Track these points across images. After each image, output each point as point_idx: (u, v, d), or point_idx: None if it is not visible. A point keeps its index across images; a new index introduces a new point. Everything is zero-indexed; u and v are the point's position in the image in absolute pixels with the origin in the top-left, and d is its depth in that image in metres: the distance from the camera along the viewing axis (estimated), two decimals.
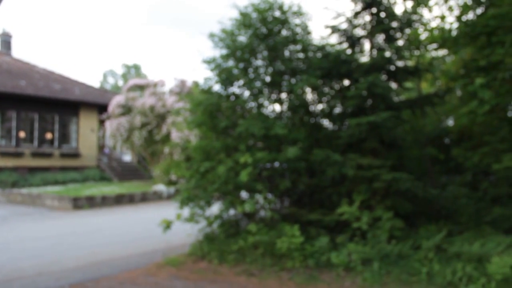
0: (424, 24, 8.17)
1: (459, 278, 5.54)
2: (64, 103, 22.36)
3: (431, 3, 8.64)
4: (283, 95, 8.05)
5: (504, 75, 6.53)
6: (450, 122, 10.69)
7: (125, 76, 55.90)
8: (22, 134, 21.15)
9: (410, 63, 8.23)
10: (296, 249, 6.52)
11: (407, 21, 7.47)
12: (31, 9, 74.30)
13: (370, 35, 7.57)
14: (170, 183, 17.90)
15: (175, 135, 18.35)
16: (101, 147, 25.00)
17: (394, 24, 7.48)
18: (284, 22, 7.69)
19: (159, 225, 7.47)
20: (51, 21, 76.64)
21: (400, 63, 7.71)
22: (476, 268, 5.57)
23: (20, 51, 77.09)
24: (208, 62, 7.82)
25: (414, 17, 7.53)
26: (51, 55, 73.29)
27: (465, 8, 7.89)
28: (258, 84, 7.83)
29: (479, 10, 7.72)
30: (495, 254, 5.55)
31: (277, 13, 7.65)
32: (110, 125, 20.30)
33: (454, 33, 8.02)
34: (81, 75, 79.93)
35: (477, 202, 7.69)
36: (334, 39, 7.91)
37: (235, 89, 7.98)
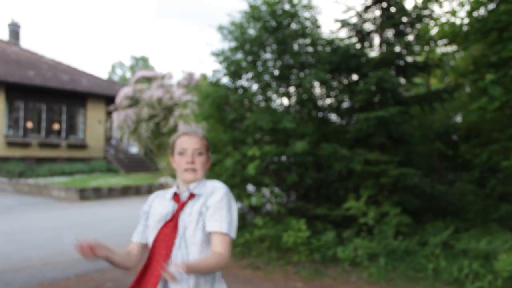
0: (435, 19, 8.10)
1: (465, 275, 5.52)
2: (71, 94, 22.39)
3: None
4: (292, 89, 8.03)
5: None
6: (459, 119, 10.63)
7: (133, 68, 55.93)
8: (29, 125, 21.22)
9: (420, 58, 8.18)
10: (302, 243, 6.52)
11: (417, 16, 7.41)
12: None
13: (380, 30, 7.52)
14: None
15: (183, 128, 18.34)
16: (108, 139, 25.05)
17: (404, 19, 7.42)
18: (293, 15, 7.65)
19: None
20: (59, 11, 76.80)
21: (409, 59, 7.65)
22: (482, 265, 5.55)
23: (29, 42, 77.27)
24: (216, 54, 7.80)
25: (425, 12, 7.46)
26: (59, 45, 73.50)
27: (476, 4, 7.82)
28: (266, 77, 7.80)
29: (491, 6, 7.64)
30: (502, 251, 5.52)
31: (287, 6, 7.61)
32: (117, 117, 20.31)
33: (465, 28, 7.95)
34: (89, 66, 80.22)
35: (485, 199, 7.65)
36: (343, 33, 7.87)
37: (243, 82, 7.96)
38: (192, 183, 2.17)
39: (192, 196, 2.14)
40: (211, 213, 2.05)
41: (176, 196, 2.18)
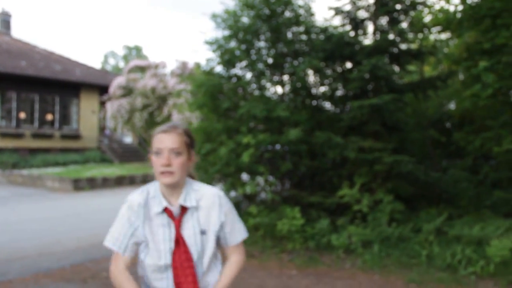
0: (429, 7, 8.09)
1: (458, 261, 5.57)
2: (64, 84, 22.25)
3: None
4: (285, 77, 8.01)
5: (508, 58, 6.47)
6: (452, 106, 10.66)
7: (126, 58, 55.64)
8: (22, 115, 21.11)
9: (414, 46, 8.17)
10: (296, 231, 6.54)
11: (411, 3, 7.39)
12: None
13: (374, 17, 7.50)
14: None
15: (176, 117, 18.30)
16: (102, 129, 24.97)
17: (398, 6, 7.40)
18: (287, 3, 7.61)
19: None
20: (52, 1, 76.08)
21: (403, 46, 7.65)
22: (475, 251, 5.60)
23: (20, 31, 76.62)
24: (210, 43, 7.76)
25: None
26: (51, 35, 72.95)
27: None
28: (260, 65, 7.78)
29: None
30: (494, 237, 5.57)
31: None
32: (111, 107, 20.23)
33: (458, 15, 7.93)
34: (82, 56, 79.63)
35: (478, 186, 7.70)
36: (337, 21, 7.88)
37: (237, 70, 7.94)
38: (173, 188, 2.00)
39: (184, 209, 2.01)
40: (231, 229, 2.08)
41: (167, 211, 2.01)
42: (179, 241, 1.96)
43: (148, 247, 1.99)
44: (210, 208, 2.02)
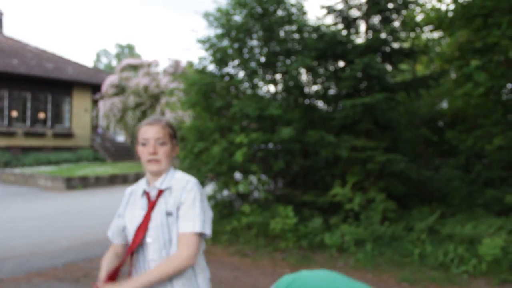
0: (420, 6, 8.11)
1: (450, 259, 5.59)
2: (57, 83, 22.13)
3: None
4: (278, 76, 8.01)
5: (500, 57, 6.50)
6: (444, 105, 10.69)
7: (118, 56, 55.45)
8: (14, 114, 20.98)
9: (406, 45, 8.19)
10: (289, 230, 6.55)
11: (403, 2, 7.40)
12: None
13: (366, 16, 7.51)
14: None
15: (169, 116, 18.25)
16: (94, 127, 24.86)
17: (390, 5, 7.42)
18: (279, 2, 7.61)
19: None
20: None
21: (395, 45, 7.67)
22: (467, 249, 5.62)
23: (12, 29, 76.18)
24: (202, 41, 7.75)
25: None
26: (43, 33, 72.52)
27: None
28: (253, 64, 7.78)
29: None
30: (486, 235, 5.60)
31: None
32: (103, 105, 20.16)
33: (450, 14, 7.95)
34: (74, 54, 79.29)
35: (470, 184, 7.73)
36: (329, 19, 7.86)
37: (229, 69, 7.93)
38: (158, 175, 2.10)
39: (161, 192, 2.08)
40: (184, 214, 2.01)
41: (146, 194, 2.12)
42: (144, 221, 2.06)
43: (128, 228, 2.14)
44: (179, 191, 2.05)
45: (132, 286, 1.90)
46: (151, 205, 2.07)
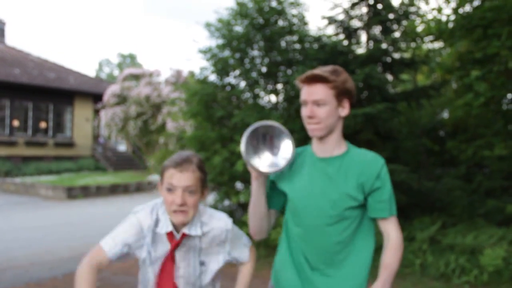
0: (421, 16, 8.14)
1: (452, 270, 5.57)
2: (58, 92, 22.19)
3: None
4: (279, 86, 8.03)
5: (500, 67, 6.52)
6: (445, 115, 10.70)
7: (120, 66, 55.63)
8: (15, 123, 21.02)
9: (406, 55, 8.22)
10: None
11: (404, 12, 7.43)
12: None
13: (367, 27, 7.54)
14: None
15: (170, 125, 18.30)
16: (96, 137, 24.91)
17: (391, 15, 7.45)
18: (280, 12, 7.65)
19: None
20: (46, 8, 76.05)
21: (396, 55, 7.68)
22: (469, 260, 5.60)
23: (14, 39, 76.54)
24: (204, 52, 7.78)
25: (411, 9, 7.49)
26: (45, 43, 72.85)
27: (461, 1, 7.86)
28: (254, 74, 7.80)
29: (476, 3, 7.69)
30: (487, 246, 5.58)
31: (274, 3, 7.61)
32: (105, 115, 20.22)
33: (450, 25, 7.99)
34: (76, 64, 79.59)
35: (471, 194, 7.71)
36: (330, 30, 7.91)
37: (231, 79, 7.96)
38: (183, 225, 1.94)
39: (186, 236, 1.96)
40: (238, 253, 2.21)
41: (170, 235, 1.97)
42: (166, 263, 1.96)
43: (152, 264, 1.99)
44: (216, 242, 2.05)
45: None
46: (173, 247, 1.97)
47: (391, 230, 1.97)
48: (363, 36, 7.73)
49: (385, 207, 1.96)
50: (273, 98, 8.07)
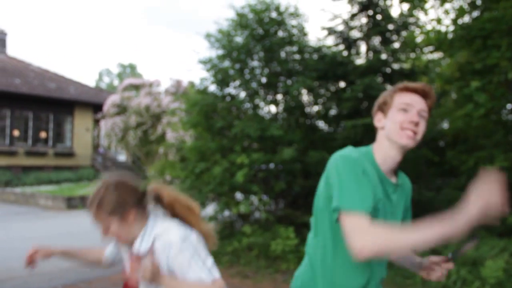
0: (420, 27, 8.17)
1: (453, 282, 5.54)
2: (59, 102, 22.24)
3: (427, 6, 8.65)
4: (279, 96, 8.04)
5: (500, 78, 6.53)
6: (445, 125, 10.69)
7: (120, 76, 55.77)
8: (16, 133, 21.03)
9: (406, 65, 8.23)
10: (290, 251, 6.50)
11: (403, 23, 7.47)
12: (26, 6, 74.06)
13: (366, 37, 7.57)
14: (164, 183, 17.81)
15: (170, 135, 18.26)
16: (95, 147, 24.90)
17: (390, 26, 7.48)
18: (280, 23, 7.68)
19: None
20: (46, 19, 76.39)
21: (396, 66, 7.71)
22: (470, 271, 5.57)
23: (15, 49, 76.77)
24: (204, 62, 7.80)
25: (410, 19, 7.54)
26: (46, 53, 73.12)
27: (461, 12, 7.89)
28: (254, 85, 7.82)
29: (475, 14, 7.72)
30: (488, 257, 5.55)
31: (274, 14, 7.65)
32: (105, 125, 20.20)
33: (450, 36, 8.01)
34: (76, 74, 79.79)
35: None
36: (330, 40, 7.92)
37: (231, 89, 7.97)
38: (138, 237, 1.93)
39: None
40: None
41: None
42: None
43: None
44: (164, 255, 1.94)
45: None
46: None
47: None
48: (363, 47, 7.77)
49: None
50: (273, 108, 8.09)
